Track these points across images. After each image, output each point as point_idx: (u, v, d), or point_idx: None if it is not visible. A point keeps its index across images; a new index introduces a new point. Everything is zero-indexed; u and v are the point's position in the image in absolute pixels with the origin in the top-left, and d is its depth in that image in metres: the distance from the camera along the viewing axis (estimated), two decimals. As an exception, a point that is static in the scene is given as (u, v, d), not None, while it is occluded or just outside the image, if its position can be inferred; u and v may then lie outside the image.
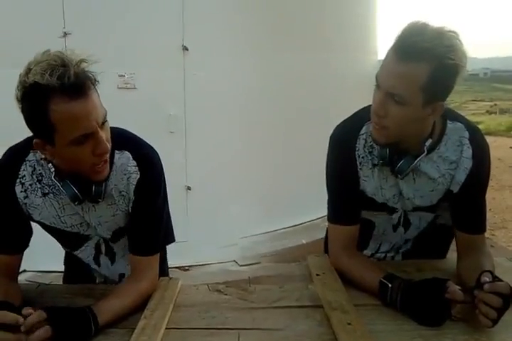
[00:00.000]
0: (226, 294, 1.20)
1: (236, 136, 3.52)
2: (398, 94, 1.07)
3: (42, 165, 1.17)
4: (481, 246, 1.27)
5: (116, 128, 1.19)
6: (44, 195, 1.18)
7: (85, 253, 1.33)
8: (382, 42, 5.07)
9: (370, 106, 1.28)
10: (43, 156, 1.12)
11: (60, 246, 1.39)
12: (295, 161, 3.78)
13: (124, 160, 1.19)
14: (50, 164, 1.14)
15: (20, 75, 0.99)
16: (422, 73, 1.05)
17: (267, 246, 3.70)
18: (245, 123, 3.56)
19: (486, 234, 1.30)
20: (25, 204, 1.19)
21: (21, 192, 1.17)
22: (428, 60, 1.04)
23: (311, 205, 3.08)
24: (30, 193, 1.18)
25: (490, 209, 5.03)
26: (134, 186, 1.18)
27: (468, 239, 1.27)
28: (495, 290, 1.00)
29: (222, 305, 1.15)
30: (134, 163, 1.18)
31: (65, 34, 2.88)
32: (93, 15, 3.06)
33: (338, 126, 1.31)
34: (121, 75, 3.17)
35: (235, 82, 3.44)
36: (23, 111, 1.01)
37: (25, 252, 1.26)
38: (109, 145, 1.07)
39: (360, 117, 1.28)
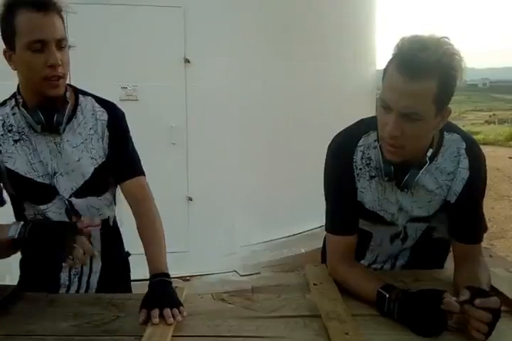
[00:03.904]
0: (230, 303, 1.21)
1: (237, 147, 3.54)
2: (414, 112, 1.07)
3: (13, 114, 1.30)
4: (477, 256, 1.27)
5: None
6: (15, 141, 1.30)
7: (55, 206, 1.34)
8: (381, 53, 5.10)
9: (368, 118, 1.29)
10: (11, 66, 1.24)
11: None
12: (295, 171, 3.80)
13: (88, 102, 1.36)
14: (19, 96, 1.28)
15: None
16: (433, 86, 1.06)
17: (266, 255, 3.70)
18: (246, 134, 3.59)
19: (485, 244, 1.31)
20: (0, 152, 1.29)
21: None
22: (436, 73, 1.05)
23: (311, 214, 3.08)
24: (3, 142, 1.30)
25: (489, 219, 5.03)
26: (103, 123, 1.34)
27: (465, 249, 1.28)
28: (485, 305, 1.01)
29: (226, 313, 1.16)
30: (98, 105, 1.36)
31: (69, 47, 2.89)
32: (96, 28, 3.10)
33: (336, 136, 1.32)
34: (124, 87, 3.21)
35: (236, 93, 3.47)
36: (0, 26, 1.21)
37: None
38: (63, 67, 1.21)
39: (358, 129, 1.29)
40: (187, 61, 3.35)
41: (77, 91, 1.36)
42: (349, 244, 1.30)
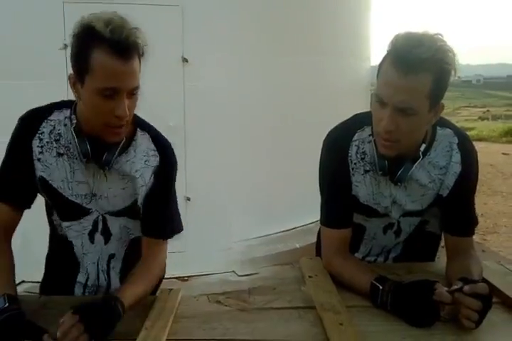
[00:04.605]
0: (226, 305, 1.19)
1: (235, 146, 3.54)
2: (409, 107, 1.09)
3: (65, 125, 1.21)
4: (469, 249, 1.30)
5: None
6: (59, 154, 1.22)
7: (81, 225, 1.29)
8: (375, 48, 5.11)
9: (362, 113, 1.31)
10: (74, 94, 1.15)
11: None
12: (291, 168, 3.81)
13: (145, 140, 1.25)
14: (74, 116, 1.19)
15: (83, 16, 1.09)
16: (427, 82, 1.08)
17: (262, 249, 3.72)
18: (244, 134, 3.59)
19: (478, 239, 1.33)
20: (39, 159, 1.22)
21: (38, 146, 1.21)
22: (430, 68, 1.07)
23: (305, 210, 3.10)
24: (46, 151, 1.21)
25: (482, 215, 5.08)
26: (151, 169, 1.23)
27: (457, 242, 1.30)
28: (473, 291, 1.03)
29: (222, 316, 1.14)
30: (153, 146, 1.25)
31: (66, 46, 2.89)
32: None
33: (331, 131, 1.34)
34: None
35: (235, 92, 3.46)
36: (72, 45, 1.10)
37: (24, 262, 1.27)
38: (129, 115, 1.12)
39: (353, 124, 1.31)
40: (185, 60, 3.34)
41: (137, 124, 1.25)
42: (344, 237, 1.32)
